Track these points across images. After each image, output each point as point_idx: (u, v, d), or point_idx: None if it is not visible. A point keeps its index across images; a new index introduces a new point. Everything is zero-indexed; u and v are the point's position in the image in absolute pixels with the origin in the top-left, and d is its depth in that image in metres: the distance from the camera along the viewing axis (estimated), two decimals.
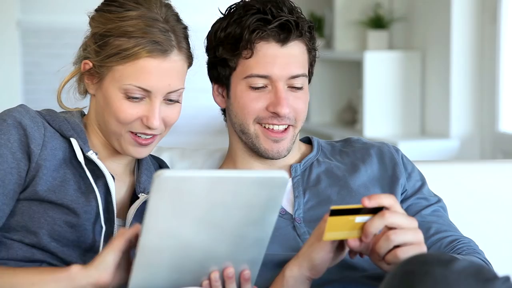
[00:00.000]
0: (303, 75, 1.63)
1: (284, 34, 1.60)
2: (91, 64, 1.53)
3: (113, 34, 1.50)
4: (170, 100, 1.53)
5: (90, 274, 1.34)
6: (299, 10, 1.65)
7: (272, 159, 1.65)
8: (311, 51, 1.66)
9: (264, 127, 1.63)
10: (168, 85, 1.51)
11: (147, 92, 1.50)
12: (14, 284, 1.39)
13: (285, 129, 1.63)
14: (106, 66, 1.51)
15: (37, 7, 5.70)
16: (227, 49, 1.62)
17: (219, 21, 1.65)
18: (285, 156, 1.66)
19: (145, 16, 1.51)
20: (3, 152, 1.48)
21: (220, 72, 1.65)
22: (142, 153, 1.56)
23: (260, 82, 1.60)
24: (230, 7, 1.65)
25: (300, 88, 1.63)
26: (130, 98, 1.50)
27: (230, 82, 1.64)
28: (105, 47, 1.50)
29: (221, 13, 1.66)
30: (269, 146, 1.63)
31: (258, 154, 1.65)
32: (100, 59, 1.51)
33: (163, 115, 1.53)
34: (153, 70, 1.49)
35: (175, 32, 1.52)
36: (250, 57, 1.60)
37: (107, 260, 1.33)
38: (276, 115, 1.61)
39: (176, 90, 1.53)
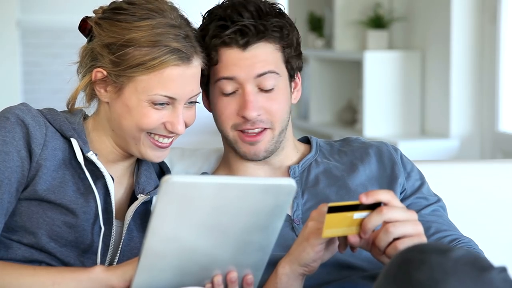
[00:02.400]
0: (270, 72, 1.60)
1: (243, 39, 1.58)
2: (105, 73, 1.51)
3: (133, 44, 1.48)
4: (190, 103, 1.54)
5: (110, 278, 1.38)
6: (271, 10, 1.62)
7: (252, 160, 1.65)
8: (285, 48, 1.63)
9: (241, 131, 1.62)
10: (191, 91, 1.52)
11: (172, 99, 1.51)
12: (35, 282, 1.41)
13: (260, 132, 1.62)
14: (127, 76, 1.49)
15: (37, 7, 5.71)
16: None
17: (199, 28, 1.65)
18: (264, 158, 1.65)
19: (162, 23, 1.50)
20: (10, 150, 1.47)
21: (201, 79, 1.65)
22: (160, 157, 1.57)
23: (229, 87, 1.60)
24: (204, 14, 1.66)
25: (271, 90, 1.61)
26: (155, 106, 1.50)
27: (209, 89, 1.65)
28: (124, 58, 1.49)
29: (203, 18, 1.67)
30: (246, 149, 1.63)
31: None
32: (119, 70, 1.50)
33: (184, 118, 1.54)
34: (178, 78, 1.50)
35: (190, 37, 1.52)
36: (216, 64, 1.60)
37: (130, 275, 1.36)
38: (246, 119, 1.60)
39: (196, 94, 1.54)
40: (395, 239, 1.32)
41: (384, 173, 1.69)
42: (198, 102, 1.57)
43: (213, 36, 1.59)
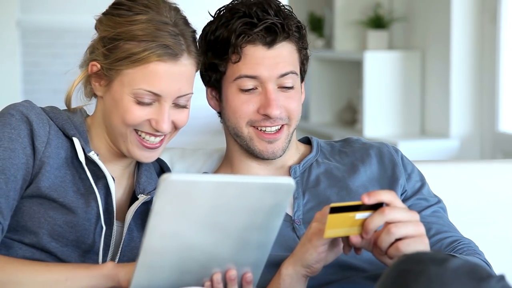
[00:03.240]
0: (292, 73, 1.62)
1: (270, 37, 1.59)
2: (99, 66, 1.52)
3: (123, 38, 1.49)
4: (179, 105, 1.53)
5: (118, 274, 1.40)
6: (287, 10, 1.64)
7: (268, 159, 1.65)
8: (301, 50, 1.65)
9: (257, 129, 1.62)
10: (178, 89, 1.51)
11: (157, 96, 1.50)
12: (49, 279, 1.41)
13: (279, 129, 1.63)
14: (115, 69, 1.50)
15: (37, 7, 5.70)
16: (215, 54, 1.62)
17: (208, 24, 1.65)
18: (280, 156, 1.65)
19: (154, 19, 1.50)
20: (15, 147, 1.48)
21: (211, 76, 1.65)
22: (149, 157, 1.56)
23: (249, 84, 1.60)
24: (219, 9, 1.65)
25: (291, 88, 1.62)
26: (140, 102, 1.50)
27: (222, 86, 1.65)
28: (114, 51, 1.50)
29: (211, 15, 1.66)
30: (263, 148, 1.63)
31: (254, 155, 1.65)
32: (109, 62, 1.50)
33: (172, 119, 1.53)
34: (163, 74, 1.49)
35: (185, 36, 1.52)
36: (238, 61, 1.60)
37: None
38: (267, 117, 1.60)
39: (185, 95, 1.53)
40: (397, 239, 1.31)
41: (385, 174, 1.69)
42: (187, 108, 1.55)
43: (240, 33, 1.59)
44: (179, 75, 1.51)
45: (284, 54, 1.61)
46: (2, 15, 5.31)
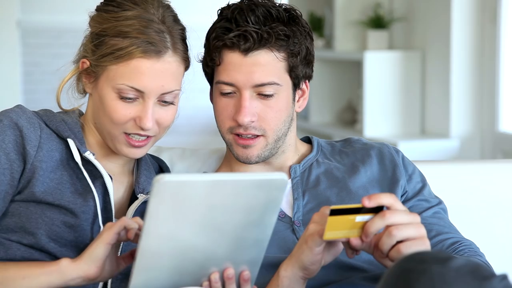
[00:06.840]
0: (270, 84, 1.58)
1: (245, 45, 1.56)
2: (88, 63, 1.53)
3: (108, 33, 1.50)
4: (165, 102, 1.52)
5: (79, 267, 1.37)
6: (282, 16, 1.59)
7: (244, 163, 1.65)
8: (290, 57, 1.60)
9: (236, 134, 1.62)
10: (161, 86, 1.50)
11: (140, 93, 1.49)
12: (5, 278, 1.41)
13: (254, 138, 1.61)
14: (101, 65, 1.50)
15: (37, 7, 5.70)
16: (206, 54, 1.62)
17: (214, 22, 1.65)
18: (256, 162, 1.64)
19: (140, 16, 1.50)
20: None
21: (207, 74, 1.66)
22: (136, 154, 1.55)
23: (227, 89, 1.59)
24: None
25: (270, 96, 1.59)
26: (123, 98, 1.49)
27: (212, 87, 1.65)
28: (100, 47, 1.50)
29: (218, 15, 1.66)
30: (240, 152, 1.63)
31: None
32: (95, 58, 1.51)
33: (157, 117, 1.52)
34: (146, 71, 1.48)
35: (171, 33, 1.51)
36: (219, 64, 1.59)
37: (96, 253, 1.36)
38: (238, 124, 1.59)
39: (170, 92, 1.52)
40: (398, 242, 1.31)
41: (385, 175, 1.68)
42: (174, 104, 1.54)
43: (216, 37, 1.59)
44: (162, 72, 1.50)
45: (262, 62, 1.57)
46: (2, 15, 5.31)
